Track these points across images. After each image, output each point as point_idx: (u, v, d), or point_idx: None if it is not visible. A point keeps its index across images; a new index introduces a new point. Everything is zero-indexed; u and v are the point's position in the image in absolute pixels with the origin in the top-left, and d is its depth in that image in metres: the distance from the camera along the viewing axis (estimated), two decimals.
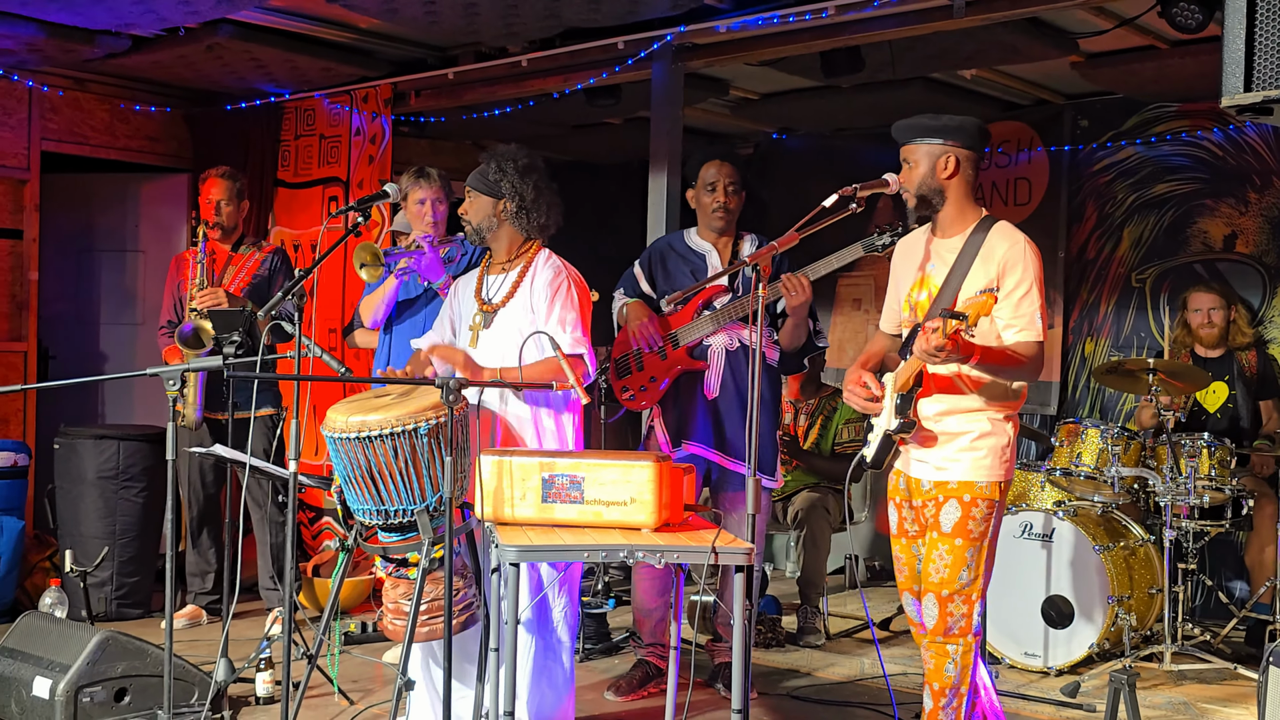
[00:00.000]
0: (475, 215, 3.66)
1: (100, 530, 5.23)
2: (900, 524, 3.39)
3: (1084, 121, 6.30)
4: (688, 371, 4.24)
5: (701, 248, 4.34)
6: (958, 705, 3.24)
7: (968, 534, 3.19)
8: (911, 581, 3.37)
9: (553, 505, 2.97)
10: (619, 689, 4.29)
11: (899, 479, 3.37)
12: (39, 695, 3.64)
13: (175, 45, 5.44)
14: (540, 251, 3.68)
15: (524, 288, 3.61)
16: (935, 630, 3.24)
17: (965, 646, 3.22)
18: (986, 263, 3.20)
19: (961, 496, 3.20)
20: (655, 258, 4.40)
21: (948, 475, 3.23)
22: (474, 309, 3.67)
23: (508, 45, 5.50)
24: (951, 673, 3.23)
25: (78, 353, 6.67)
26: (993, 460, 3.22)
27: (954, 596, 3.21)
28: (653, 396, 4.30)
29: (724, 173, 4.26)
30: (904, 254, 3.47)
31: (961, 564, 3.19)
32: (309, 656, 3.45)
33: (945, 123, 3.25)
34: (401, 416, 3.06)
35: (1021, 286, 3.16)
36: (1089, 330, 6.27)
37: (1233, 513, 4.96)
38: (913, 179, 3.27)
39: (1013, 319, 3.17)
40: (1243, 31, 2.36)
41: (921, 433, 3.24)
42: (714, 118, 6.79)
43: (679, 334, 4.25)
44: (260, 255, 5.09)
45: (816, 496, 5.27)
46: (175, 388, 3.07)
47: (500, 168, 3.63)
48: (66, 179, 6.57)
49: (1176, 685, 4.55)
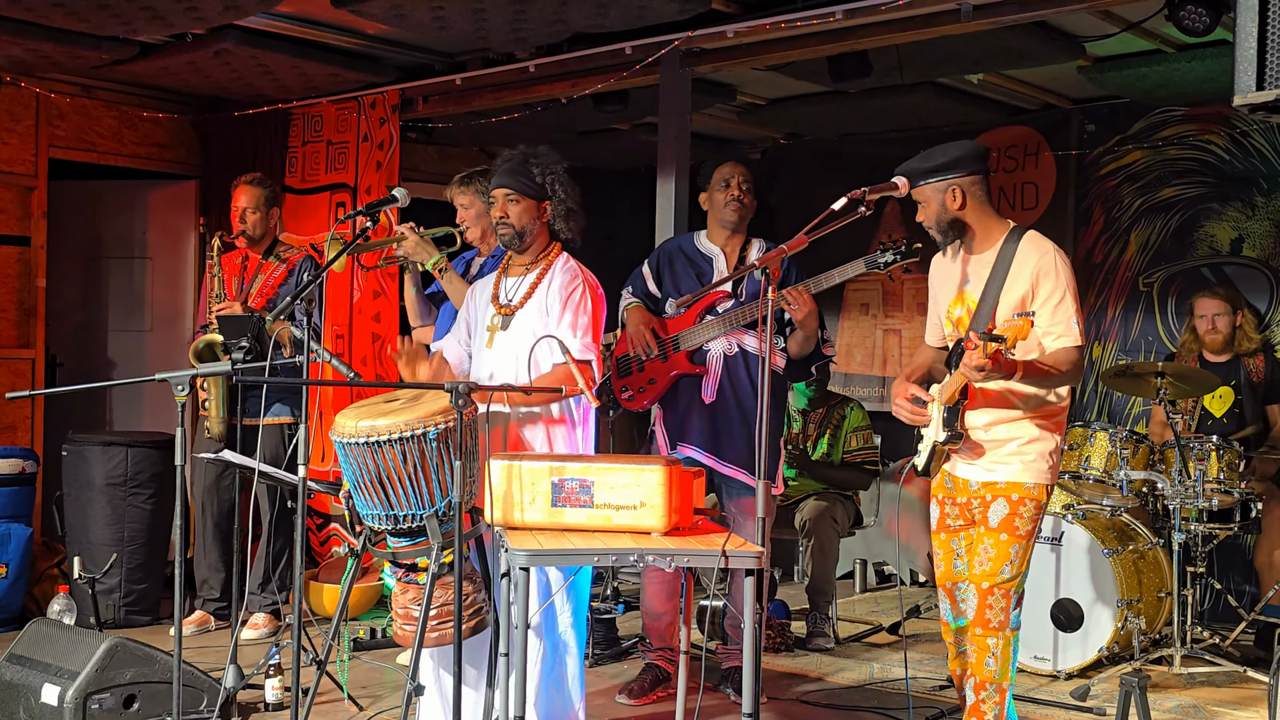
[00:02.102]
0: (520, 218, 3.58)
1: (108, 537, 5.22)
2: (942, 519, 3.46)
3: (1090, 126, 6.30)
4: (686, 375, 4.24)
5: (710, 251, 4.35)
6: (1000, 700, 3.31)
7: (1014, 530, 3.27)
8: (947, 577, 3.43)
9: (562, 509, 2.97)
10: (631, 692, 4.29)
11: (944, 477, 3.45)
12: (48, 702, 3.64)
13: (182, 51, 5.45)
14: (560, 255, 3.66)
15: (541, 289, 3.59)
16: (974, 621, 3.30)
17: (1004, 640, 3.29)
18: (1020, 274, 3.28)
19: (1010, 495, 3.29)
20: (663, 259, 4.41)
21: (996, 476, 3.31)
22: (491, 312, 3.66)
23: (516, 51, 5.50)
24: (992, 666, 3.29)
25: (86, 360, 6.68)
26: (1041, 464, 3.31)
27: (994, 589, 3.28)
28: (651, 397, 4.31)
29: (738, 171, 4.30)
30: (940, 271, 3.52)
31: (1005, 558, 3.27)
32: (318, 662, 3.45)
33: (939, 161, 3.31)
34: (411, 421, 3.05)
35: (1056, 294, 3.25)
36: (1097, 334, 6.26)
37: (1241, 516, 4.95)
38: (929, 217, 3.36)
39: (1050, 326, 3.25)
40: (1254, 29, 2.35)
41: (969, 442, 3.33)
42: (722, 123, 6.80)
43: (681, 338, 4.25)
44: (287, 264, 5.10)
45: (824, 505, 5.26)
46: (184, 393, 3.06)
47: (545, 169, 3.59)
48: (74, 186, 6.58)
49: (1186, 688, 4.53)
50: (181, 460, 3.13)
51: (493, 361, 3.58)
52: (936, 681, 4.53)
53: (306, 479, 3.38)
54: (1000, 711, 3.30)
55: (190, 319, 6.67)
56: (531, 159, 3.62)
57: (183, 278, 6.75)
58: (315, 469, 5.75)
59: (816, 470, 5.43)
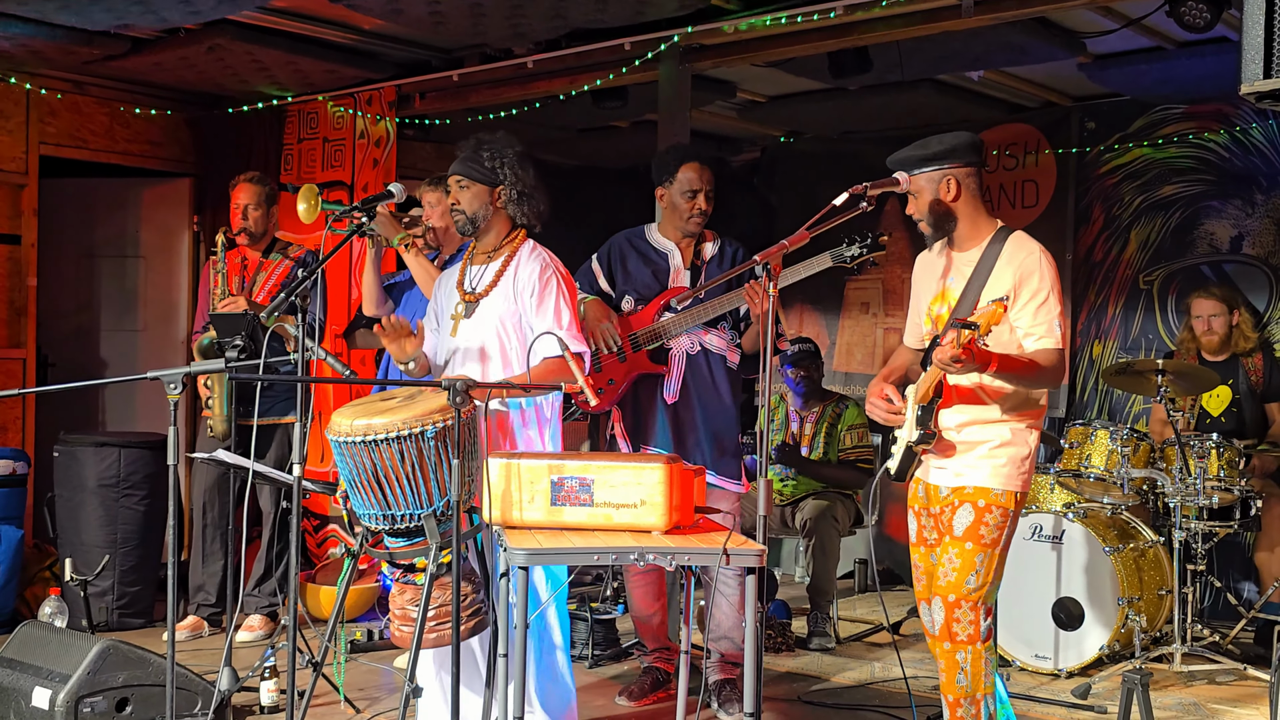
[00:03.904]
0: (470, 204, 3.59)
1: (101, 539, 5.17)
2: (919, 531, 3.39)
3: (1091, 124, 6.28)
4: (646, 375, 4.11)
5: (664, 246, 4.18)
6: (976, 713, 3.23)
7: (979, 539, 3.18)
8: (929, 591, 3.35)
9: (562, 508, 2.93)
10: (630, 694, 4.26)
11: (918, 487, 3.39)
12: (38, 706, 3.59)
13: (176, 47, 5.40)
14: (525, 242, 3.64)
15: (507, 276, 3.57)
16: (941, 635, 3.23)
17: (974, 654, 3.21)
18: (1003, 273, 3.22)
19: (976, 502, 3.20)
20: (615, 255, 4.22)
21: (964, 481, 3.23)
22: (456, 299, 3.63)
23: (514, 47, 5.46)
24: (963, 682, 3.22)
25: (78, 359, 6.62)
26: (1011, 469, 3.22)
27: (960, 601, 3.20)
28: (609, 399, 4.13)
29: (705, 179, 4.09)
30: (924, 269, 3.48)
31: (970, 568, 3.18)
32: (314, 665, 3.41)
33: (936, 149, 3.26)
34: (408, 419, 3.02)
35: (1039, 295, 3.18)
36: (1097, 332, 6.24)
37: (1241, 514, 4.93)
38: (921, 208, 3.29)
39: (1032, 327, 3.19)
40: (1262, 17, 2.32)
41: (942, 443, 3.26)
42: (721, 121, 6.77)
43: (639, 336, 4.10)
44: (291, 260, 5.06)
45: (824, 504, 5.23)
46: (177, 391, 3.02)
47: (495, 154, 3.58)
48: (66, 183, 6.53)
49: (1186, 686, 4.52)
50: (174, 460, 3.09)
51: (457, 349, 3.55)
52: (937, 681, 4.49)
53: (302, 479, 3.33)
54: None
55: (184, 318, 6.62)
56: (483, 145, 3.61)
57: (176, 277, 6.70)
58: (314, 469, 5.71)
59: (814, 469, 5.40)
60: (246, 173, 5.15)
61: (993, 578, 3.22)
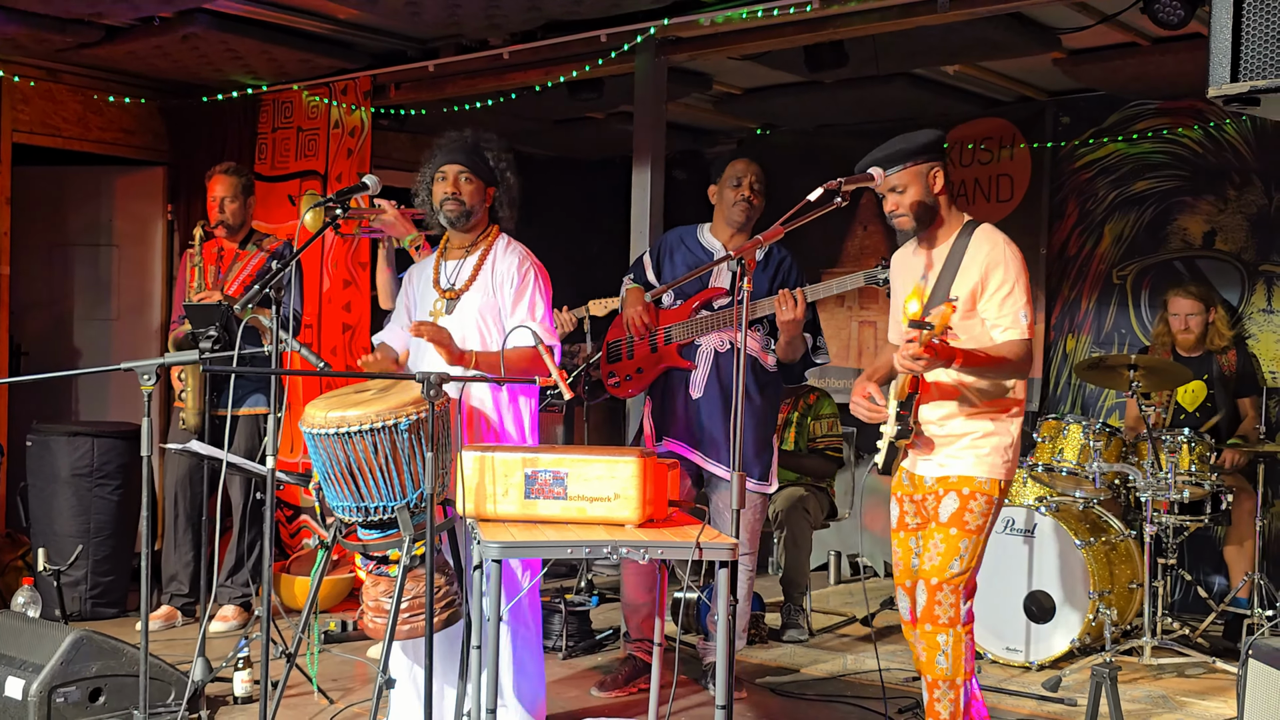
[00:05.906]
0: (471, 198, 3.64)
1: (74, 529, 5.14)
2: (901, 517, 3.45)
3: (1065, 118, 6.31)
4: (675, 369, 4.21)
5: (712, 246, 4.29)
6: (955, 698, 3.28)
7: (963, 525, 3.26)
8: (906, 575, 3.42)
9: (536, 501, 2.94)
10: (604, 685, 4.26)
11: (902, 475, 3.45)
12: (11, 696, 3.57)
13: (150, 35, 5.36)
14: (500, 236, 3.70)
15: (485, 271, 3.62)
16: (923, 618, 3.28)
17: (955, 637, 3.26)
18: (970, 266, 3.27)
19: (961, 490, 3.27)
20: (665, 250, 4.37)
21: (949, 470, 3.30)
22: (433, 296, 3.66)
23: (489, 37, 5.44)
24: (943, 664, 3.27)
25: (51, 349, 6.57)
26: (995, 458, 3.29)
27: (943, 585, 3.26)
28: (636, 387, 4.28)
29: (752, 171, 4.25)
30: (900, 268, 3.52)
31: (954, 554, 3.25)
32: (288, 655, 3.41)
33: (923, 142, 3.30)
34: (382, 412, 3.02)
35: (1005, 286, 3.24)
36: (1070, 327, 6.28)
37: (1212, 508, 4.98)
38: (906, 202, 3.31)
39: (998, 318, 3.25)
40: (1229, 21, 2.34)
41: (923, 438, 3.33)
42: (697, 113, 6.77)
43: (673, 330, 4.22)
44: (266, 252, 5.04)
45: (796, 496, 5.24)
46: (150, 382, 3.01)
47: (498, 157, 3.68)
48: (38, 171, 6.47)
49: (1156, 679, 4.56)
50: (148, 451, 3.08)
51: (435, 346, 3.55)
52: (910, 673, 4.53)
53: (275, 470, 3.33)
54: (956, 708, 3.28)
55: (158, 307, 6.58)
56: (484, 142, 3.69)
57: (150, 266, 6.65)
58: (285, 460, 5.69)
59: (787, 460, 5.42)
60: (222, 164, 5.12)
61: (976, 562, 3.30)
